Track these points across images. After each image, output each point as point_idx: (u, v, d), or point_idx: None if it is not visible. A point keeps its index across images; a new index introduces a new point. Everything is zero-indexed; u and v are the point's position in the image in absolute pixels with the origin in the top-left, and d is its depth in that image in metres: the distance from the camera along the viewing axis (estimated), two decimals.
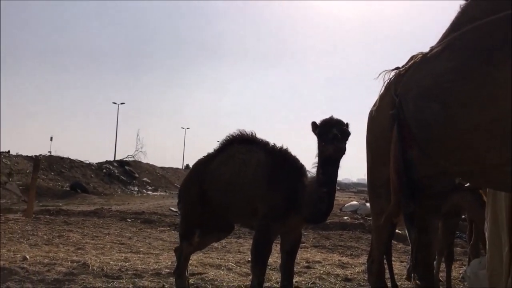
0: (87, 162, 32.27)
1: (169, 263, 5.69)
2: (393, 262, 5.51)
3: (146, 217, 11.90)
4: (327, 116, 2.85)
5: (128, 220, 11.57)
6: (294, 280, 4.97)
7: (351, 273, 5.72)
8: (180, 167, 48.29)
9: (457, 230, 5.97)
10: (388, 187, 2.75)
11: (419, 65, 2.61)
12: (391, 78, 2.83)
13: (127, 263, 5.71)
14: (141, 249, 7.37)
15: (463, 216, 5.80)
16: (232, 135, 3.34)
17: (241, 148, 3.23)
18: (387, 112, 2.72)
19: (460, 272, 5.94)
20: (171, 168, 41.98)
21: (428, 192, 2.70)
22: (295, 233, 3.08)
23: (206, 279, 4.95)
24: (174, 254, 3.65)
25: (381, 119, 2.80)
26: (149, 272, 5.27)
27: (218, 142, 3.44)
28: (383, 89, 2.87)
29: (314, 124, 2.83)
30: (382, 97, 2.85)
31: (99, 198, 21.78)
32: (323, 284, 5.05)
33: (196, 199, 3.28)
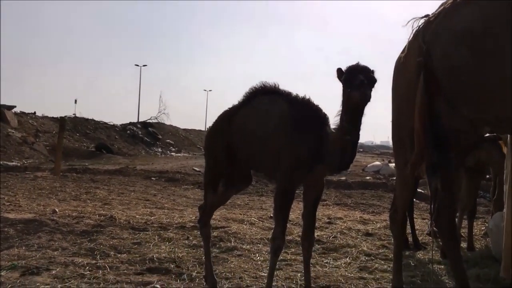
0: (111, 123, 32.69)
1: (193, 217, 5.82)
2: (414, 219, 5.54)
3: (170, 176, 12.11)
4: (353, 63, 2.77)
5: (152, 178, 11.81)
6: (316, 234, 5.05)
7: (372, 229, 5.78)
8: (203, 129, 48.58)
9: (480, 188, 5.93)
10: (412, 137, 2.72)
11: (449, 11, 2.54)
12: (420, 25, 2.75)
13: (152, 217, 5.87)
14: (166, 205, 7.55)
15: (487, 176, 5.75)
16: (255, 87, 3.33)
17: (264, 99, 3.21)
18: (415, 59, 2.66)
19: (483, 228, 5.93)
20: (194, 130, 42.27)
21: (453, 144, 2.67)
22: (317, 183, 3.09)
23: (229, 232, 5.07)
24: (198, 210, 3.71)
25: (409, 66, 2.74)
26: (174, 225, 5.42)
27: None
28: (411, 36, 2.79)
29: (339, 70, 2.75)
30: (410, 44, 2.78)
31: (124, 159, 22.16)
32: (344, 238, 5.11)
33: (220, 149, 3.31)
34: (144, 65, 46.32)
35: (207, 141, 3.65)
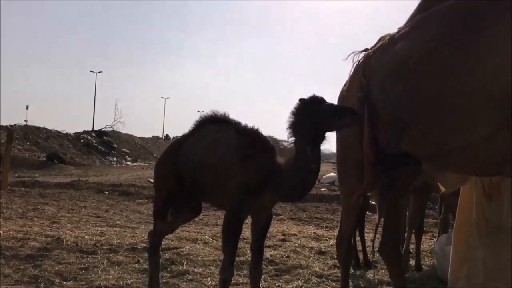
0: (64, 132, 31.80)
1: (145, 237, 5.67)
2: (367, 234, 5.64)
3: (124, 189, 11.85)
4: (310, 95, 2.77)
5: (105, 192, 11.52)
6: (269, 254, 5.08)
7: (325, 246, 5.83)
8: (161, 136, 47.97)
9: (428, 202, 6.11)
10: (358, 167, 2.77)
11: (386, 48, 2.61)
12: (360, 59, 2.82)
13: (102, 238, 5.70)
14: (118, 223, 7.37)
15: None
16: (205, 115, 3.35)
17: (213, 128, 3.22)
18: (356, 93, 2.73)
19: (430, 244, 6.10)
20: (151, 139, 41.71)
21: (398, 175, 2.74)
22: (266, 212, 3.09)
23: (182, 253, 4.99)
24: (151, 226, 3.66)
25: (351, 99, 2.80)
26: (125, 247, 5.28)
27: (199, 112, 3.47)
28: (352, 70, 2.86)
29: (304, 101, 2.75)
30: (351, 78, 2.85)
31: (77, 169, 21.58)
32: (297, 257, 5.13)
33: (170, 178, 3.28)
34: (100, 72, 45.45)
35: (156, 169, 3.61)
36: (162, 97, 58.97)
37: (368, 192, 2.97)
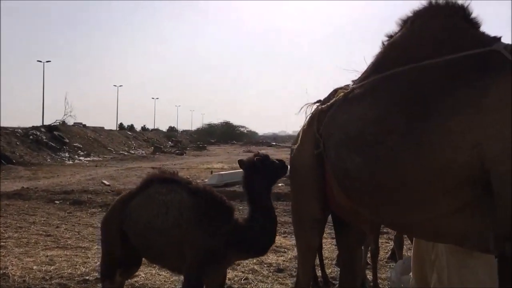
0: (11, 128, 30.44)
1: (98, 262, 5.47)
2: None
3: (76, 198, 11.42)
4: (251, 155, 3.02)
5: (56, 202, 11.07)
6: (228, 276, 4.99)
7: (284, 261, 5.80)
8: (114, 128, 46.83)
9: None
10: (315, 222, 2.77)
11: (341, 107, 2.54)
12: (313, 112, 2.75)
13: (52, 267, 5.44)
14: (69, 242, 7.08)
15: None
16: (152, 174, 3.20)
17: (161, 189, 3.05)
18: (311, 147, 2.66)
19: (387, 250, 6.19)
20: (104, 130, 40.62)
21: (354, 230, 2.73)
22: (224, 271, 3.06)
23: (136, 285, 4.84)
24: None
25: (305, 154, 2.73)
26: (76, 279, 5.06)
27: (153, 99, 3.33)
28: (306, 124, 2.78)
29: (251, 161, 2.95)
30: (304, 133, 2.77)
31: (26, 170, 20.70)
32: (255, 278, 5.07)
33: (116, 238, 3.10)
34: (47, 61, 43.69)
35: (102, 228, 3.41)
36: (115, 85, 57.40)
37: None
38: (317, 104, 2.82)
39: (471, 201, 2.07)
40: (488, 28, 2.39)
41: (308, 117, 2.80)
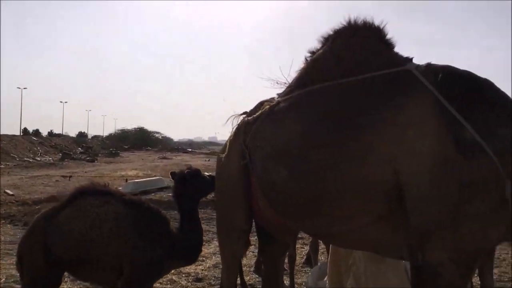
0: None
1: (4, 279, 5.10)
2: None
3: None
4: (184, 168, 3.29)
5: None
6: None
7: (202, 270, 5.78)
8: (17, 133, 43.84)
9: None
10: (241, 233, 2.83)
11: (267, 120, 2.61)
12: (239, 123, 2.80)
13: None
14: None
15: None
16: (81, 186, 3.09)
17: (94, 200, 2.95)
18: (237, 158, 2.72)
19: (303, 275, 6.37)
20: (6, 136, 37.83)
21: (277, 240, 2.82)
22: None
23: None
24: (12, 265, 3.27)
25: (231, 164, 2.79)
26: None
27: (61, 103, 3.23)
28: (232, 134, 2.83)
29: (183, 174, 3.18)
30: (231, 144, 2.81)
31: None
32: None
33: (41, 259, 2.90)
34: None
35: (21, 250, 3.13)
36: (18, 87, 53.81)
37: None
38: (243, 115, 2.87)
39: (388, 213, 2.21)
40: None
41: (234, 128, 2.84)
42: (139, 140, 67.12)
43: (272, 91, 2.82)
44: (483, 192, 2.00)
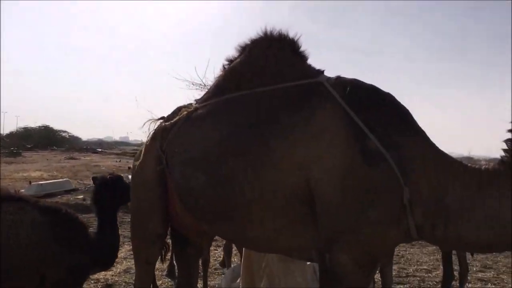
0: None
1: None
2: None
3: None
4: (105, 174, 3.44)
5: None
6: None
7: (112, 275, 5.63)
8: None
9: None
10: (156, 238, 2.81)
11: (184, 126, 2.64)
12: (156, 128, 2.80)
13: None
14: None
15: None
16: None
17: (8, 207, 2.79)
18: (153, 165, 2.72)
19: (215, 277, 6.41)
20: None
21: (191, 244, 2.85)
22: None
23: None
24: None
25: (147, 172, 2.78)
26: None
27: None
28: (149, 139, 2.82)
29: (104, 179, 3.25)
30: (147, 149, 2.80)
31: None
32: None
33: None
34: None
35: None
36: None
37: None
38: (161, 120, 2.86)
39: (299, 218, 2.34)
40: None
41: (151, 134, 2.82)
42: (43, 139, 63.14)
43: (188, 92, 2.88)
44: (384, 198, 2.18)
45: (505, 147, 2.22)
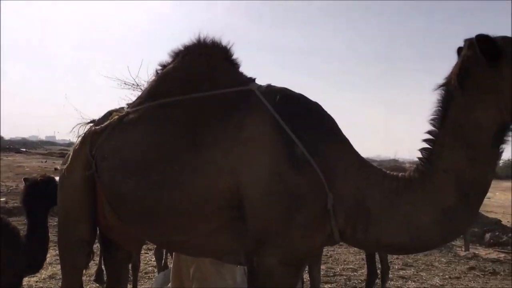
0: None
1: None
2: None
3: None
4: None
5: None
6: None
7: (37, 281, 5.43)
8: None
9: None
10: (83, 242, 2.81)
11: (115, 131, 2.62)
12: (86, 132, 2.75)
13: None
14: None
15: None
16: None
17: None
18: (81, 169, 2.68)
19: (146, 281, 6.33)
20: None
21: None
22: None
23: None
24: None
25: (75, 177, 2.74)
26: None
27: None
28: (77, 143, 2.76)
29: (35, 180, 3.22)
30: (76, 153, 2.75)
31: None
32: None
33: None
34: None
35: None
36: None
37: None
38: (91, 124, 2.82)
39: (228, 221, 2.40)
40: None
41: (80, 137, 2.77)
42: None
43: (120, 92, 2.87)
44: (310, 202, 2.29)
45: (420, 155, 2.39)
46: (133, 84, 9.53)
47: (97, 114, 2.91)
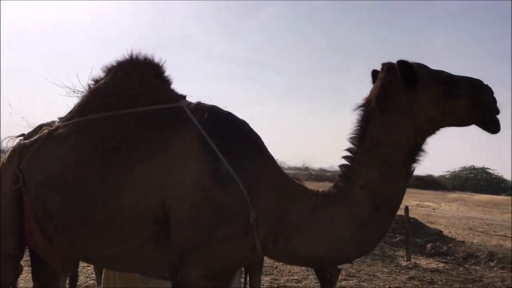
0: None
1: None
2: None
3: None
4: None
5: None
6: None
7: None
8: None
9: None
10: (9, 257, 2.78)
11: (45, 145, 2.62)
12: (15, 146, 2.73)
13: None
14: None
15: None
16: None
17: None
18: (9, 183, 2.66)
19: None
20: None
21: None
22: None
23: None
24: None
25: (3, 191, 2.71)
26: None
27: None
28: (6, 157, 2.73)
29: None
30: (4, 167, 2.73)
31: None
32: None
33: None
34: None
35: None
36: None
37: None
38: (20, 138, 2.79)
39: (153, 236, 2.44)
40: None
41: (9, 151, 2.74)
42: None
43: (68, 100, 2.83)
44: (233, 217, 2.36)
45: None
46: (82, 92, 9.40)
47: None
